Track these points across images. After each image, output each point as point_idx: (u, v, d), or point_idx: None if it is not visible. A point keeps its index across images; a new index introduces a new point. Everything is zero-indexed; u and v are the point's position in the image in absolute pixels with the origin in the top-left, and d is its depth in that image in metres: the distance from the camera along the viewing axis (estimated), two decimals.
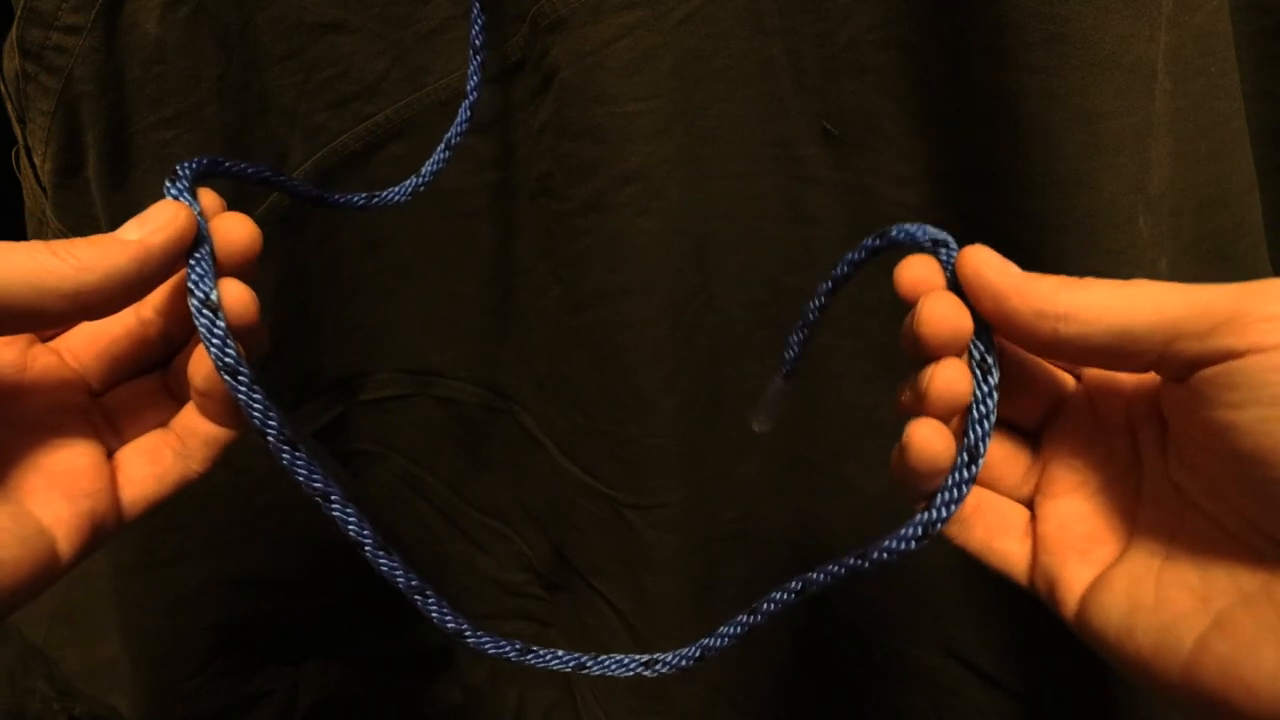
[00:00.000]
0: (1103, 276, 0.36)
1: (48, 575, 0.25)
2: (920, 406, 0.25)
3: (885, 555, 0.26)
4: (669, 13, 0.37)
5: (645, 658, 0.30)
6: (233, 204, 0.39)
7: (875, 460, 0.44)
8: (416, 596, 0.29)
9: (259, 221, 0.40)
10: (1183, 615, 0.21)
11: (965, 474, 0.25)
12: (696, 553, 0.46)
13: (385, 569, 0.28)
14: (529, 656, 0.30)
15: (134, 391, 0.30)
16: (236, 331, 0.27)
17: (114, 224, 0.39)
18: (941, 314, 0.24)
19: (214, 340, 0.27)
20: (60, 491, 0.27)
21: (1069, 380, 0.26)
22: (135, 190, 0.39)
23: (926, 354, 0.25)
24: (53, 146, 0.37)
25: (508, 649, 0.30)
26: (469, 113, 0.36)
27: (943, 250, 0.26)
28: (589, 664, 0.31)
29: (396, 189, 0.36)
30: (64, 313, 0.24)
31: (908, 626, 0.46)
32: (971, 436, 0.25)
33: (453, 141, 0.36)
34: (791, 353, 0.32)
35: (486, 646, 0.29)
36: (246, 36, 0.38)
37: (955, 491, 0.25)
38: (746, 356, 0.43)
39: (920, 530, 0.26)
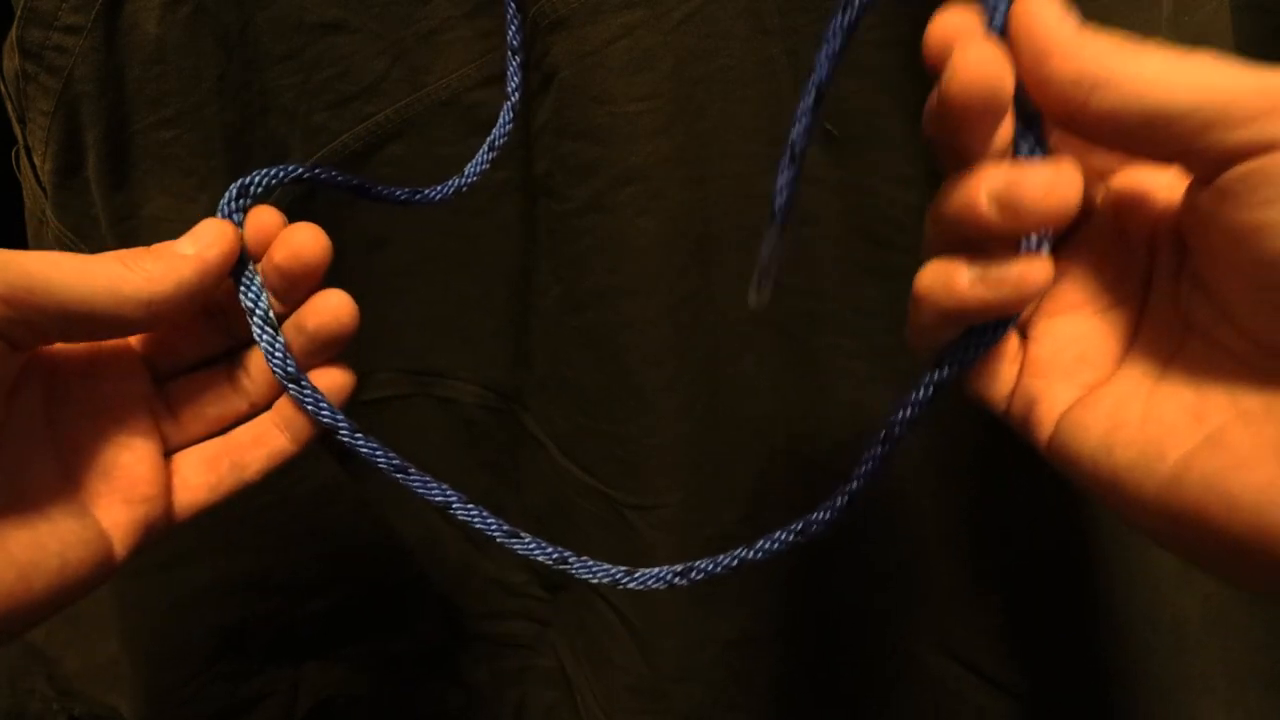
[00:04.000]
0: None
1: (103, 576, 0.27)
2: (1019, 223, 0.21)
3: (931, 387, 0.24)
4: (669, 13, 0.37)
5: (680, 567, 0.30)
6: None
7: None
8: (514, 540, 0.31)
9: None
10: (1171, 431, 0.20)
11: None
12: (696, 553, 0.46)
13: (479, 523, 0.30)
14: (577, 565, 0.31)
15: (197, 383, 0.31)
16: (336, 339, 0.30)
17: (114, 224, 0.39)
18: (978, 62, 0.20)
19: (275, 355, 0.29)
20: (121, 495, 0.28)
21: (1096, 190, 0.24)
22: (135, 190, 0.39)
23: (953, 124, 0.21)
24: (53, 146, 0.37)
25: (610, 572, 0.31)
26: (511, 114, 0.36)
27: None
28: (623, 579, 0.31)
29: (440, 187, 0.36)
30: (139, 320, 0.26)
31: (908, 627, 0.46)
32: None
33: (496, 144, 0.36)
34: (781, 196, 0.27)
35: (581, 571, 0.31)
36: (246, 36, 0.38)
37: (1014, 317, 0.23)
38: (746, 356, 0.43)
39: (973, 357, 0.23)
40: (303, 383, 0.29)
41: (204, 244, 0.28)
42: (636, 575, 0.30)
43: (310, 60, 0.39)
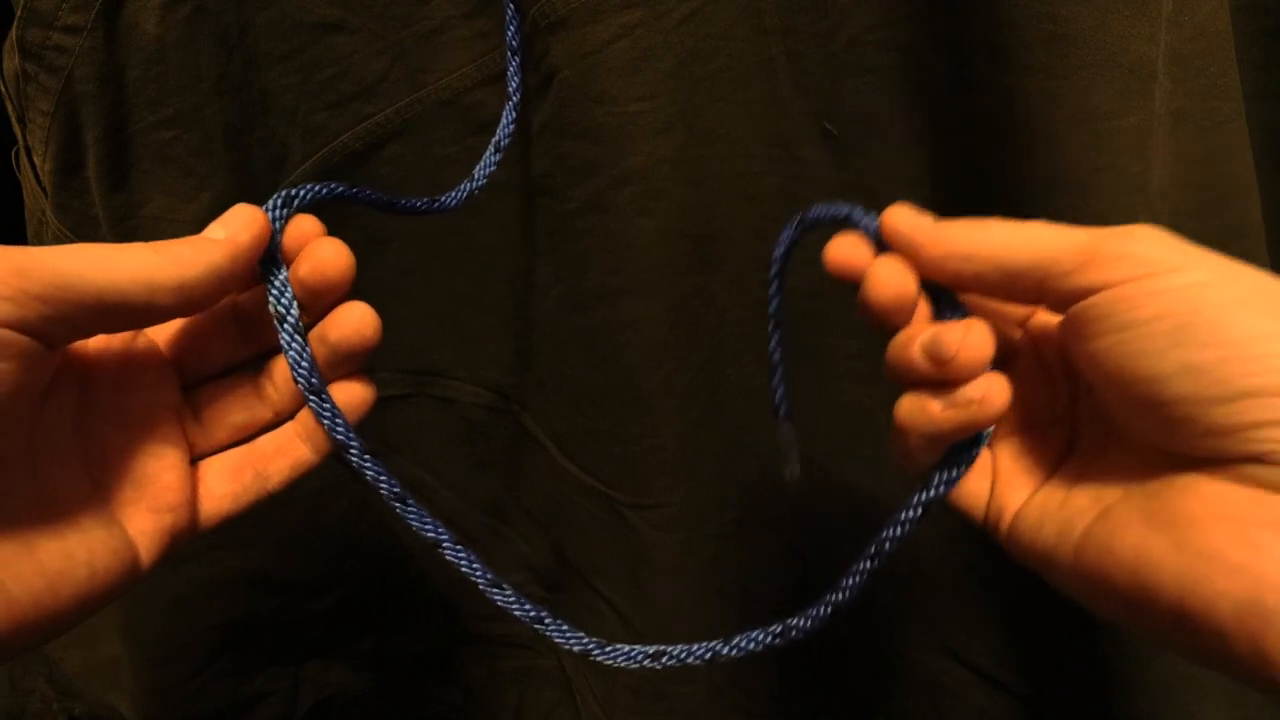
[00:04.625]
0: None
1: (128, 585, 0.27)
2: (945, 371, 0.26)
3: (920, 508, 0.28)
4: (669, 13, 0.37)
5: (654, 649, 0.31)
6: (235, 199, 0.39)
7: (875, 460, 0.44)
8: (494, 590, 0.31)
9: None
10: (1079, 511, 0.24)
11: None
12: (696, 553, 0.46)
13: (465, 567, 0.31)
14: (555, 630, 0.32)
15: (224, 390, 0.31)
16: (357, 352, 0.30)
17: (114, 224, 0.39)
18: (883, 278, 0.26)
19: (301, 366, 0.29)
20: (149, 504, 0.28)
21: (1016, 331, 0.29)
22: (135, 190, 0.39)
23: (880, 319, 0.27)
24: (53, 146, 0.37)
25: (583, 640, 0.32)
26: (514, 114, 0.36)
27: (863, 221, 0.28)
28: (595, 650, 0.32)
29: (454, 192, 0.36)
30: (171, 307, 0.25)
31: (908, 627, 0.46)
32: None
33: (502, 145, 0.36)
34: (776, 396, 0.33)
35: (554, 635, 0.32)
36: (246, 36, 0.38)
37: (987, 433, 0.27)
38: (746, 356, 0.43)
39: (955, 476, 0.27)
40: (323, 396, 0.29)
41: (235, 228, 0.27)
42: (608, 650, 0.31)
43: (310, 60, 0.39)
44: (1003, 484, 0.27)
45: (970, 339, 0.25)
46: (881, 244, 0.28)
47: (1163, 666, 0.40)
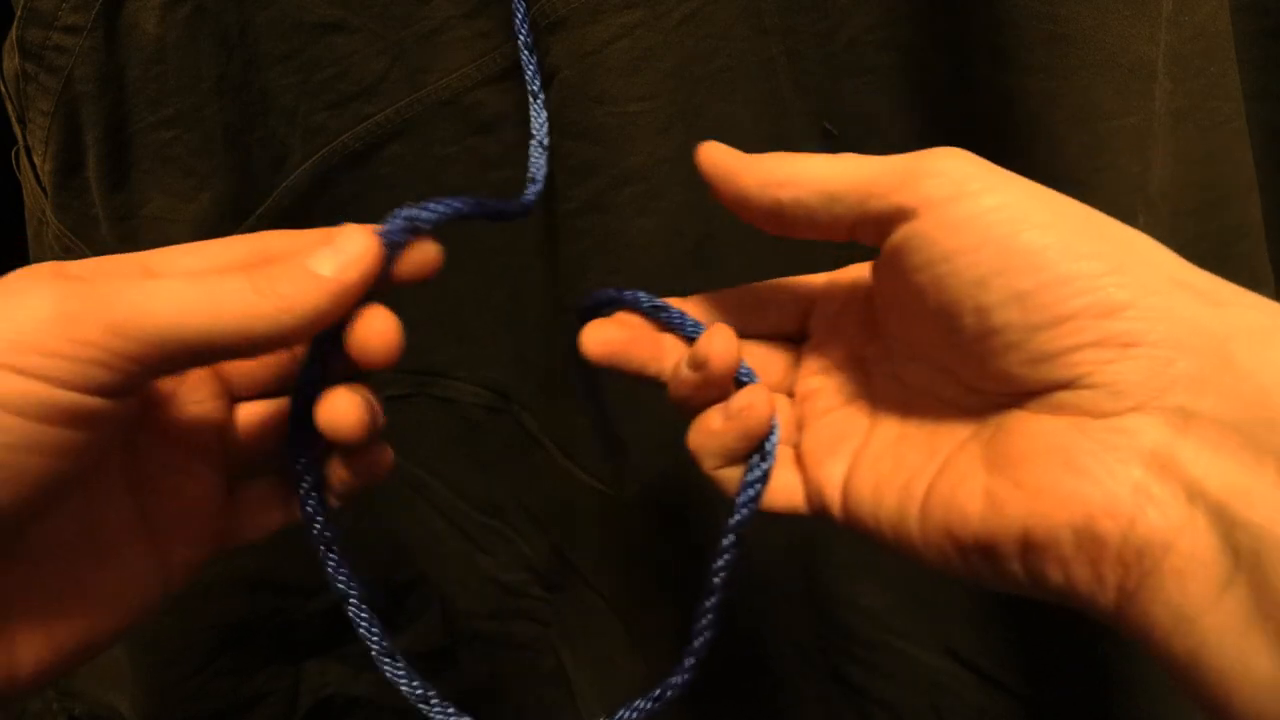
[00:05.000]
0: None
1: (161, 606, 0.26)
2: (708, 372, 0.28)
3: (733, 533, 0.29)
4: (669, 13, 0.37)
5: None
6: (235, 199, 0.39)
7: None
8: (421, 705, 0.32)
9: (260, 219, 0.40)
10: (916, 472, 0.24)
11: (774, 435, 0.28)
12: (696, 554, 0.46)
13: (390, 673, 0.32)
14: None
15: (269, 410, 0.29)
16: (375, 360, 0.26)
17: (114, 224, 0.39)
18: (722, 348, 0.27)
19: (339, 582, 0.29)
20: (192, 531, 0.27)
21: (799, 326, 0.30)
22: (135, 190, 0.39)
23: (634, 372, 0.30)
24: (53, 146, 0.37)
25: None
26: (544, 111, 0.35)
27: (635, 298, 0.30)
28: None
29: (527, 195, 0.34)
30: (263, 349, 0.24)
31: (908, 626, 0.46)
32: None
33: (544, 143, 0.36)
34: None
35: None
36: (246, 36, 0.38)
37: (770, 445, 0.28)
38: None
39: (758, 486, 0.29)
40: (360, 607, 0.30)
41: (344, 263, 0.24)
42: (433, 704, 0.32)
43: (310, 60, 0.39)
44: (814, 465, 0.28)
45: (716, 340, 0.27)
46: (651, 316, 0.30)
47: None
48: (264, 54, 0.39)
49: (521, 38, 0.35)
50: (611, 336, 0.30)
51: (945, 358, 0.24)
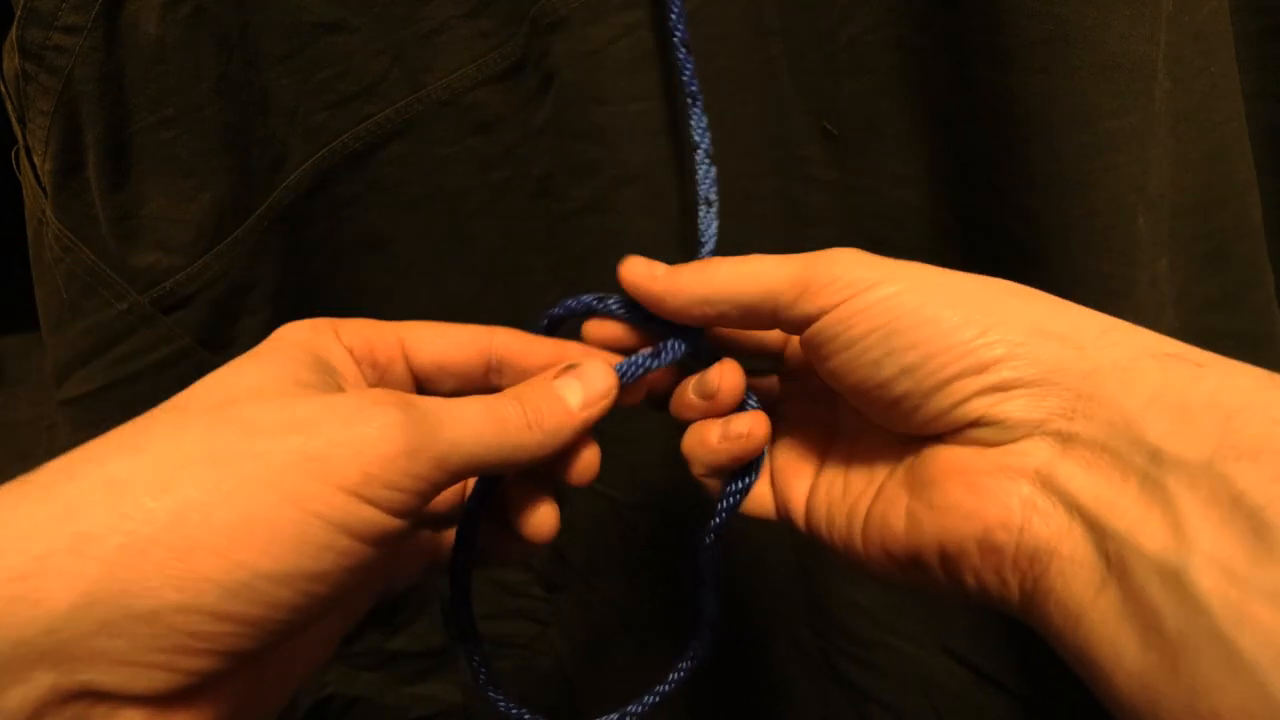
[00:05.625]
0: (1105, 277, 0.36)
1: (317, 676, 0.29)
2: (714, 405, 0.31)
3: (714, 534, 0.32)
4: (669, 13, 0.37)
5: None
6: (235, 199, 0.39)
7: None
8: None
9: (259, 219, 0.40)
10: (860, 495, 0.28)
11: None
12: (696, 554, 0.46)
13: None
14: None
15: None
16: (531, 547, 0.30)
17: (114, 224, 0.39)
18: (732, 383, 0.30)
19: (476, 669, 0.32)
20: (347, 613, 0.28)
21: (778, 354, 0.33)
22: (135, 190, 0.39)
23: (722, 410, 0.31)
24: (53, 146, 0.37)
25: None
26: (709, 161, 0.33)
27: (603, 304, 0.31)
28: None
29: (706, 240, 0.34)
30: (515, 469, 0.27)
31: (908, 627, 0.46)
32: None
33: (711, 200, 0.33)
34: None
35: None
36: (246, 36, 0.38)
37: (758, 463, 0.31)
38: None
39: (738, 497, 0.31)
40: (498, 692, 0.32)
41: (591, 399, 0.28)
42: None
43: (310, 60, 0.39)
44: (781, 481, 0.31)
45: (727, 376, 0.30)
46: (631, 320, 0.31)
47: None
48: (264, 54, 0.39)
49: (678, 35, 0.34)
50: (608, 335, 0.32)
51: (870, 414, 0.28)
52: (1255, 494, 0.19)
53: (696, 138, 0.34)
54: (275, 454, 0.21)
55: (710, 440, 0.31)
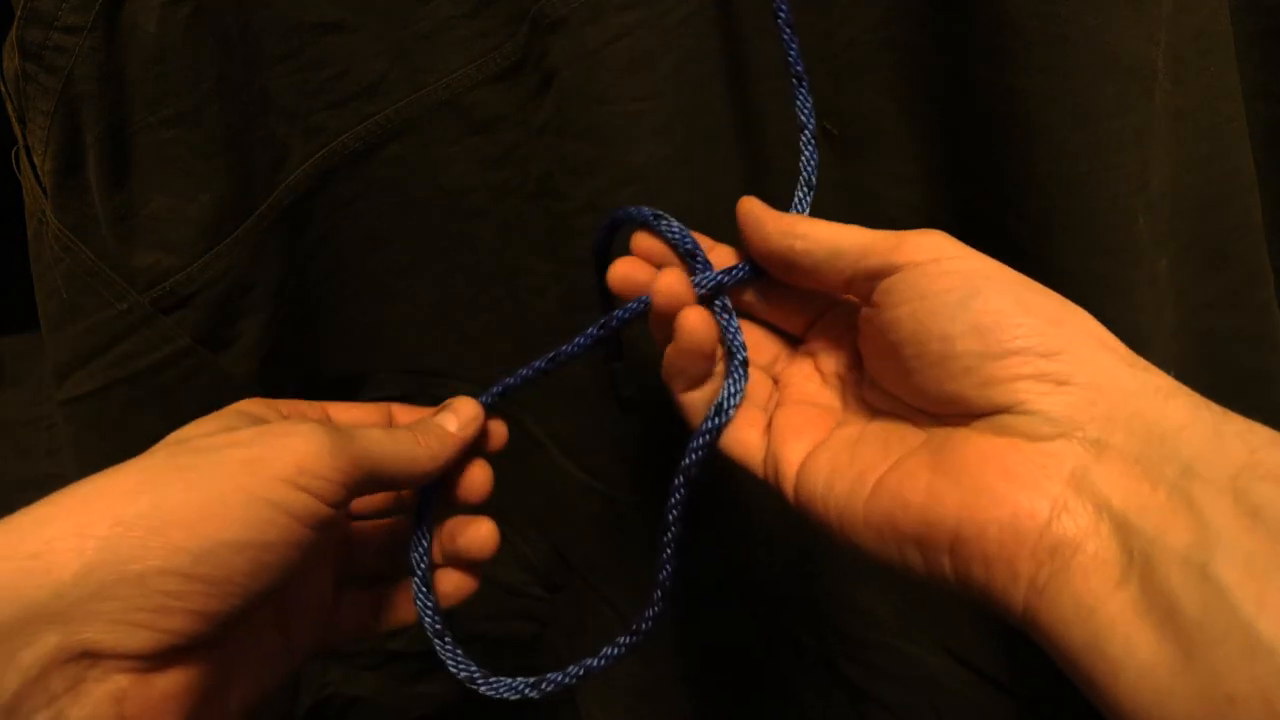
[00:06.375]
0: (1104, 277, 0.36)
1: (286, 685, 0.32)
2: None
3: (682, 475, 0.32)
4: (669, 13, 0.37)
5: (534, 679, 0.35)
6: (235, 199, 0.39)
7: None
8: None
9: (259, 219, 0.40)
10: (870, 466, 0.28)
11: (740, 372, 0.32)
12: (694, 554, 0.46)
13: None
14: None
15: (377, 531, 0.37)
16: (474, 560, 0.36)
17: (114, 224, 0.39)
18: (693, 326, 0.31)
19: (426, 614, 0.35)
20: (307, 625, 0.33)
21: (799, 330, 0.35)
22: (135, 190, 0.39)
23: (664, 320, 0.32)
24: (53, 146, 0.37)
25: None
26: (812, 140, 0.34)
27: (662, 223, 0.33)
28: (479, 680, 0.35)
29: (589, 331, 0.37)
30: (411, 484, 0.33)
31: (907, 627, 0.46)
32: (733, 343, 0.32)
33: (812, 181, 0.35)
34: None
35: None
36: (246, 36, 0.38)
37: (737, 384, 0.32)
38: None
39: (714, 426, 0.32)
40: (446, 639, 0.36)
41: (464, 423, 0.34)
42: (491, 681, 0.35)
43: (310, 60, 0.39)
44: (779, 440, 0.32)
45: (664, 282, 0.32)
46: (676, 246, 0.33)
47: None
48: (264, 54, 0.39)
49: (782, 16, 0.34)
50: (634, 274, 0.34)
51: (906, 389, 0.28)
52: (1275, 507, 0.21)
53: (803, 118, 0.34)
54: (226, 460, 0.27)
55: (669, 353, 0.32)
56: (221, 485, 0.26)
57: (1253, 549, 0.20)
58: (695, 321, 0.31)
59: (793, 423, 0.32)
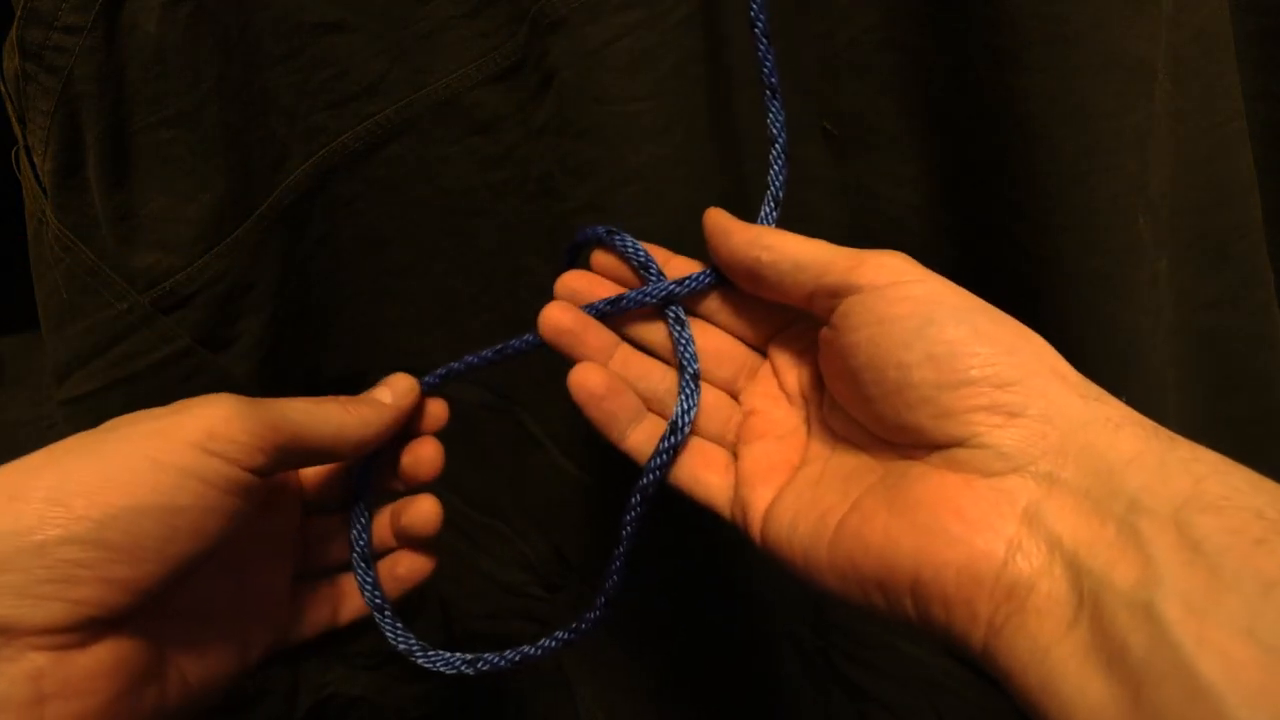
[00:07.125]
0: (1104, 277, 0.36)
1: (241, 681, 0.32)
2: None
3: (639, 494, 0.33)
4: (669, 13, 0.37)
5: (470, 656, 0.35)
6: (235, 199, 0.39)
7: None
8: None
9: (260, 218, 0.40)
10: (831, 508, 0.28)
11: (693, 386, 0.33)
12: (694, 554, 0.46)
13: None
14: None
15: (327, 525, 0.37)
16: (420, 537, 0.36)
17: (114, 224, 0.39)
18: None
19: (366, 587, 0.35)
20: (262, 618, 0.33)
21: (760, 358, 0.35)
22: (135, 190, 0.39)
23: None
24: (53, 146, 0.37)
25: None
26: (783, 159, 0.35)
27: (616, 239, 0.34)
28: (418, 652, 0.35)
29: (527, 339, 0.38)
30: (346, 454, 0.32)
31: (908, 626, 0.46)
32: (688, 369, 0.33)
33: (779, 197, 0.35)
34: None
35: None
36: (246, 36, 0.38)
37: (690, 400, 0.32)
38: None
39: (670, 446, 0.32)
40: (386, 612, 0.35)
41: (398, 395, 0.35)
42: (430, 654, 0.35)
43: (310, 60, 0.39)
44: (745, 483, 0.32)
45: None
46: (630, 259, 0.34)
47: None
48: (264, 54, 0.39)
49: (759, 27, 0.34)
50: (565, 323, 0.35)
51: (865, 414, 0.28)
52: (1214, 540, 0.21)
53: (774, 132, 0.34)
54: (135, 433, 0.27)
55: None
56: (128, 454, 0.26)
57: (1192, 585, 0.20)
58: (586, 367, 0.33)
59: (760, 467, 0.32)
